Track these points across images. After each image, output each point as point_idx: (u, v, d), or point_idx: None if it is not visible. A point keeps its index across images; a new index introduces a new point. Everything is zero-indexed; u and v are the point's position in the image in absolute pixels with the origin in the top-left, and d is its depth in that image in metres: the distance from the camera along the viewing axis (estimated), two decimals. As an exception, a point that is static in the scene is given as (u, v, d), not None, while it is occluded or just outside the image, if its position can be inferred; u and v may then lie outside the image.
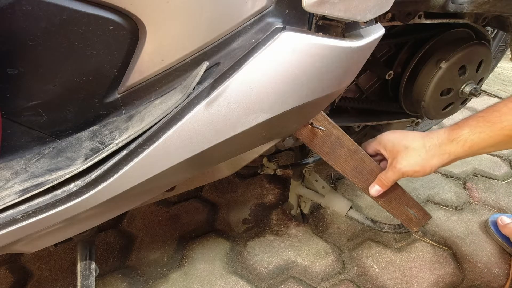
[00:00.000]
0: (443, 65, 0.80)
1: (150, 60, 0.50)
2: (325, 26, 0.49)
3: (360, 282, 0.92)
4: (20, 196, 0.44)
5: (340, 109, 0.92)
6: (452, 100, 0.87)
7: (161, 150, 0.46)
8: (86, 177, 0.46)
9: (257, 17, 0.48)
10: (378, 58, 0.91)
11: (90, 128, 0.54)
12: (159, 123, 0.44)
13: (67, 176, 0.45)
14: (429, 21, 0.75)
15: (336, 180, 1.28)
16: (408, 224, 0.81)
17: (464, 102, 0.92)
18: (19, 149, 0.52)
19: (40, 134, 0.52)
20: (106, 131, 0.51)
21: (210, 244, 1.03)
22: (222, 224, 1.10)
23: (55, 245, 0.60)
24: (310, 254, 0.99)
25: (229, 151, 0.54)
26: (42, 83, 0.48)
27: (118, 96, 0.52)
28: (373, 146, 0.71)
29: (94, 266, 0.70)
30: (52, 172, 0.47)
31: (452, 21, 0.79)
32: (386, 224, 0.95)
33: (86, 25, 0.44)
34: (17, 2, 0.41)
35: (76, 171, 0.45)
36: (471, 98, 0.89)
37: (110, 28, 0.45)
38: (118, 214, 0.55)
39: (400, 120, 0.97)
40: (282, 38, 0.44)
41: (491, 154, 1.40)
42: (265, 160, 0.92)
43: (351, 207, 0.94)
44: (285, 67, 0.45)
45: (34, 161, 0.50)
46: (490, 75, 1.98)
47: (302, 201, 1.05)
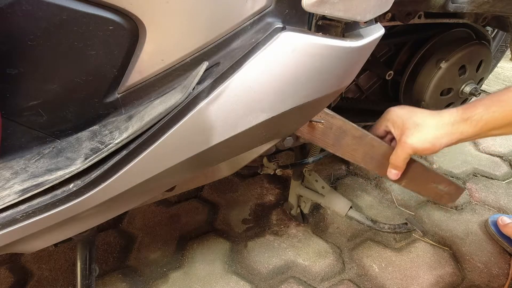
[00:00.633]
0: (443, 65, 0.80)
1: (150, 60, 0.49)
2: (325, 26, 0.49)
3: (360, 282, 0.92)
4: (20, 196, 0.44)
5: (340, 109, 0.92)
6: (452, 100, 0.87)
7: (161, 150, 0.46)
8: (86, 177, 0.46)
9: (257, 17, 0.48)
10: (378, 58, 0.91)
11: (90, 128, 0.54)
12: (159, 123, 0.44)
13: (67, 176, 0.45)
14: (429, 21, 0.75)
15: (336, 180, 1.28)
16: (440, 200, 0.77)
17: (464, 102, 0.92)
18: (19, 149, 0.52)
19: (40, 134, 0.52)
20: (106, 131, 0.51)
21: (210, 244, 1.03)
22: (222, 224, 1.10)
23: (55, 245, 0.60)
24: (310, 254, 0.99)
25: (229, 151, 0.54)
26: (42, 83, 0.48)
27: (118, 96, 0.52)
28: (381, 125, 0.68)
29: (94, 266, 0.70)
30: (52, 172, 0.47)
31: (452, 21, 0.79)
32: (386, 224, 0.95)
33: (86, 25, 0.44)
34: (17, 2, 0.41)
35: (76, 171, 0.45)
36: (471, 98, 0.89)
37: (110, 28, 0.45)
38: (118, 214, 0.55)
39: (400, 120, 0.97)
40: (282, 38, 0.44)
41: (491, 154, 1.40)
42: (265, 160, 0.92)
43: (351, 207, 0.94)
44: (285, 67, 0.45)
45: (34, 161, 0.50)
46: (490, 75, 1.98)
47: (302, 201, 1.05)
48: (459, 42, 0.82)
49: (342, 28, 0.49)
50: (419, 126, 0.61)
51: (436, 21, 0.76)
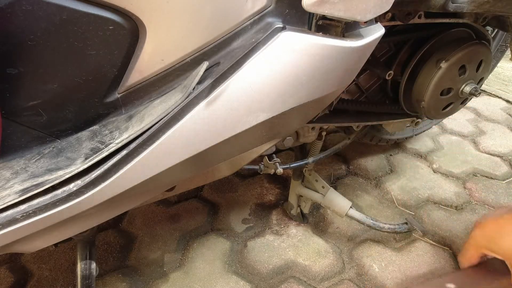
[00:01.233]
0: (443, 65, 0.80)
1: (150, 60, 0.50)
2: (325, 26, 0.49)
3: (360, 282, 0.92)
4: (20, 196, 0.44)
5: (340, 108, 0.92)
6: (452, 100, 0.87)
7: (161, 150, 0.46)
8: (86, 177, 0.46)
9: (257, 17, 0.48)
10: (378, 58, 0.91)
11: (90, 128, 0.54)
12: (159, 123, 0.44)
13: (67, 176, 0.45)
14: (429, 21, 0.75)
15: (336, 180, 1.28)
16: None
17: (464, 102, 0.92)
18: (19, 149, 0.52)
19: (40, 134, 0.52)
20: (106, 131, 0.51)
21: (210, 244, 1.03)
22: (222, 224, 1.10)
23: (55, 245, 0.60)
24: (310, 254, 0.99)
25: (229, 151, 0.54)
26: (42, 83, 0.48)
27: (118, 96, 0.52)
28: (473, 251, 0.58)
29: (94, 266, 0.70)
30: (52, 172, 0.47)
31: (452, 20, 0.79)
32: (386, 224, 0.95)
33: (86, 25, 0.44)
34: (17, 2, 0.41)
35: (76, 171, 0.45)
36: (471, 98, 0.89)
37: (110, 28, 0.45)
38: (118, 214, 0.55)
39: (400, 120, 0.98)
40: (282, 38, 0.44)
41: (491, 154, 1.40)
42: (265, 160, 0.92)
43: (351, 207, 0.94)
44: (285, 67, 0.45)
45: (34, 161, 0.50)
46: (490, 75, 1.98)
47: (302, 201, 1.05)
48: (459, 42, 0.82)
49: (342, 28, 0.49)
50: None
51: (436, 21, 0.76)
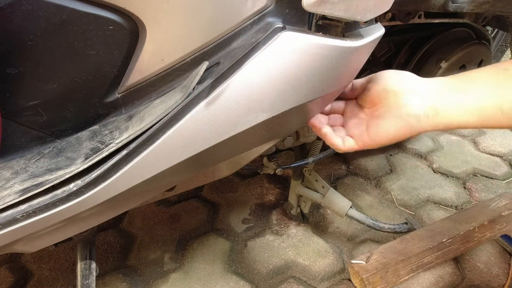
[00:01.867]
0: (443, 64, 0.80)
1: (150, 59, 0.49)
2: (325, 25, 0.49)
3: (360, 282, 0.92)
4: (20, 196, 0.44)
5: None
6: (452, 100, 0.87)
7: (161, 150, 0.45)
8: (86, 176, 0.46)
9: (257, 17, 0.48)
10: (378, 58, 0.91)
11: (90, 128, 0.54)
12: (159, 123, 0.44)
13: (67, 175, 0.45)
14: (429, 20, 0.75)
15: (336, 179, 1.28)
16: None
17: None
18: (19, 148, 0.52)
19: (40, 133, 0.52)
20: (106, 131, 0.51)
21: (210, 244, 1.03)
22: (222, 224, 1.10)
23: (55, 245, 0.60)
24: (310, 254, 0.99)
25: (229, 151, 0.54)
26: (42, 83, 0.48)
27: (118, 96, 0.52)
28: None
29: (94, 265, 0.70)
30: (52, 171, 0.47)
31: (452, 20, 0.79)
32: (386, 223, 0.95)
33: (86, 25, 0.44)
34: (17, 2, 0.41)
35: (76, 171, 0.45)
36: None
37: (110, 28, 0.45)
38: (118, 213, 0.55)
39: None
40: (282, 38, 0.44)
41: (491, 154, 1.40)
42: (265, 160, 0.92)
43: (351, 207, 0.94)
44: (285, 67, 0.45)
45: (34, 160, 0.50)
46: (490, 75, 1.97)
47: (302, 201, 1.05)
48: (459, 42, 0.82)
49: (342, 28, 0.49)
50: None
51: (436, 20, 0.76)
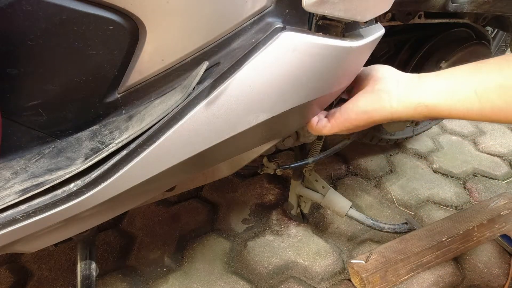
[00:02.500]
0: (443, 64, 0.80)
1: (150, 60, 0.49)
2: (325, 26, 0.49)
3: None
4: (20, 196, 0.44)
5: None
6: (452, 100, 0.87)
7: (161, 150, 0.45)
8: (86, 177, 0.46)
9: (257, 17, 0.48)
10: (378, 58, 0.91)
11: (90, 128, 0.54)
12: (159, 123, 0.44)
13: (67, 176, 0.45)
14: (429, 21, 0.75)
15: (336, 180, 1.28)
16: None
17: (464, 102, 0.92)
18: (19, 149, 0.52)
19: (40, 134, 0.52)
20: (106, 131, 0.51)
21: (210, 244, 1.03)
22: (222, 224, 1.10)
23: (55, 245, 0.60)
24: (310, 254, 0.99)
25: (229, 151, 0.54)
26: (42, 83, 0.48)
27: (118, 96, 0.52)
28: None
29: (94, 266, 0.70)
30: (52, 172, 0.47)
31: (452, 21, 0.79)
32: (386, 224, 0.95)
33: (86, 25, 0.44)
34: (17, 2, 0.41)
35: (76, 171, 0.45)
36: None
37: (110, 28, 0.45)
38: (118, 214, 0.55)
39: (400, 120, 0.97)
40: (282, 38, 0.44)
41: (491, 154, 1.40)
42: (265, 160, 0.92)
43: (351, 207, 0.94)
44: (285, 67, 0.45)
45: (34, 161, 0.50)
46: (490, 75, 1.97)
47: (302, 201, 1.05)
48: (459, 42, 0.82)
49: (342, 28, 0.49)
50: None
51: (436, 21, 0.76)
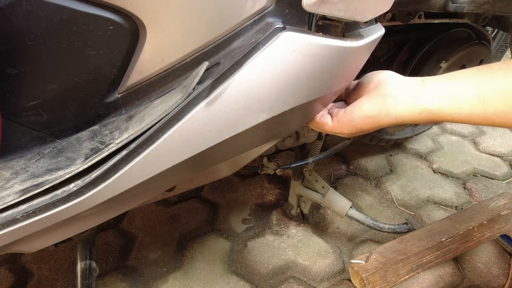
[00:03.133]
0: (443, 65, 0.80)
1: (150, 60, 0.49)
2: (325, 26, 0.49)
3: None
4: (20, 196, 0.44)
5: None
6: (452, 100, 0.87)
7: (161, 150, 0.45)
8: (86, 177, 0.46)
9: (257, 17, 0.48)
10: (378, 58, 0.91)
11: (90, 128, 0.54)
12: (159, 123, 0.44)
13: (67, 176, 0.45)
14: (429, 21, 0.75)
15: (336, 180, 1.28)
16: None
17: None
18: (19, 149, 0.52)
19: (40, 134, 0.52)
20: (106, 131, 0.51)
21: (210, 244, 1.03)
22: (222, 224, 1.10)
23: (55, 245, 0.60)
24: (310, 254, 0.99)
25: (229, 151, 0.54)
26: (42, 83, 0.48)
27: (118, 96, 0.52)
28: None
29: (94, 266, 0.70)
30: (52, 172, 0.47)
31: (452, 21, 0.79)
32: (386, 224, 0.95)
33: (86, 25, 0.44)
34: (17, 2, 0.41)
35: (76, 171, 0.45)
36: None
37: (110, 28, 0.45)
38: (118, 214, 0.55)
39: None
40: (282, 38, 0.44)
41: (491, 154, 1.40)
42: (265, 160, 0.92)
43: (351, 207, 0.94)
44: (285, 67, 0.45)
45: (34, 161, 0.50)
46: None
47: (302, 201, 1.05)
48: (459, 42, 0.82)
49: (342, 28, 0.49)
50: None
51: (436, 21, 0.76)
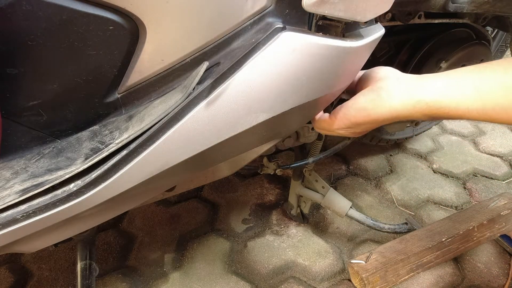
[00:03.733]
0: (443, 64, 0.80)
1: (150, 60, 0.49)
2: (325, 26, 0.49)
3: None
4: (20, 196, 0.44)
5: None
6: (452, 100, 0.87)
7: (161, 150, 0.46)
8: (86, 177, 0.46)
9: (257, 17, 0.48)
10: (378, 58, 0.91)
11: (90, 128, 0.54)
12: (159, 123, 0.44)
13: (67, 176, 0.45)
14: (429, 21, 0.75)
15: (336, 180, 1.28)
16: None
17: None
18: (19, 149, 0.52)
19: (40, 134, 0.52)
20: (106, 131, 0.51)
21: (210, 244, 1.03)
22: (222, 224, 1.10)
23: (55, 245, 0.60)
24: (310, 254, 0.99)
25: (229, 151, 0.54)
26: (42, 83, 0.48)
27: (118, 96, 0.52)
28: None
29: (94, 266, 0.70)
30: (52, 172, 0.47)
31: (452, 21, 0.79)
32: (386, 224, 0.95)
33: (86, 25, 0.44)
34: (17, 2, 0.41)
35: (76, 171, 0.45)
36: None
37: (110, 28, 0.45)
38: (118, 214, 0.55)
39: (400, 120, 0.97)
40: (282, 38, 0.44)
41: (491, 154, 1.40)
42: (265, 160, 0.92)
43: (351, 207, 0.94)
44: (285, 67, 0.45)
45: (34, 161, 0.50)
46: (490, 75, 1.97)
47: (302, 201, 1.05)
48: (459, 42, 0.82)
49: (342, 28, 0.49)
50: None
51: (436, 21, 0.76)
